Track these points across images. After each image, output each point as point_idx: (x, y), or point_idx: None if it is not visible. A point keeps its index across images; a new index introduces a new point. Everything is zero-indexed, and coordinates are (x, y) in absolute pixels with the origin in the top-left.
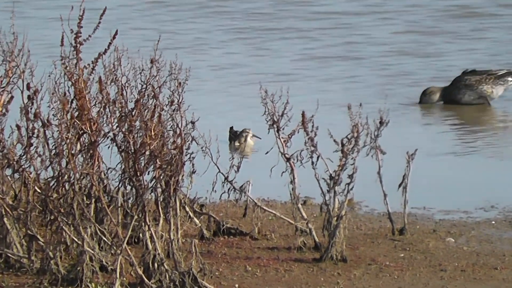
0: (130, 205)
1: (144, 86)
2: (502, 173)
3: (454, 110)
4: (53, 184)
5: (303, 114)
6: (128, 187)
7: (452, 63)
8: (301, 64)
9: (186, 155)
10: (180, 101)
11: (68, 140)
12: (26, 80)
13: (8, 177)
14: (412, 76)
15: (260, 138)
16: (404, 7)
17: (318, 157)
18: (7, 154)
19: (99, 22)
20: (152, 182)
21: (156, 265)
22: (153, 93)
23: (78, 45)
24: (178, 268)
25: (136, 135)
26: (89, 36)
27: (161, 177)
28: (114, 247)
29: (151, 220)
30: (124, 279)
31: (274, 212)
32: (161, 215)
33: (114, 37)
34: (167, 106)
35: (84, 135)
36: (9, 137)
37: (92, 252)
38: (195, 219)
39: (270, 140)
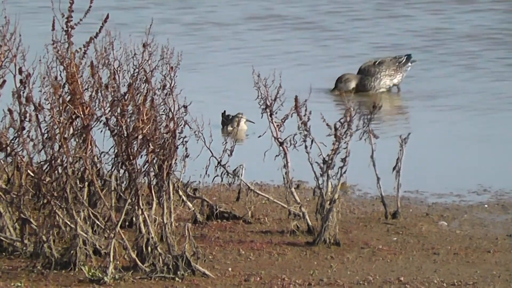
0: (123, 189)
1: (137, 70)
2: (495, 156)
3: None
4: (46, 168)
5: (296, 99)
6: (121, 171)
7: None
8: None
9: (179, 139)
10: (172, 85)
11: (60, 124)
12: (18, 64)
13: (1, 160)
14: None
15: (253, 122)
16: None
17: (311, 141)
18: (0, 138)
19: (90, 7)
20: (145, 166)
21: (149, 248)
22: (145, 77)
23: (70, 29)
24: (171, 252)
25: (128, 119)
26: (80, 20)
27: (154, 161)
28: (108, 231)
29: (144, 204)
30: (118, 262)
31: (267, 196)
32: (154, 199)
33: (105, 21)
34: (160, 90)
35: (77, 119)
36: (1, 121)
37: (85, 235)
38: (188, 203)
39: (263, 124)
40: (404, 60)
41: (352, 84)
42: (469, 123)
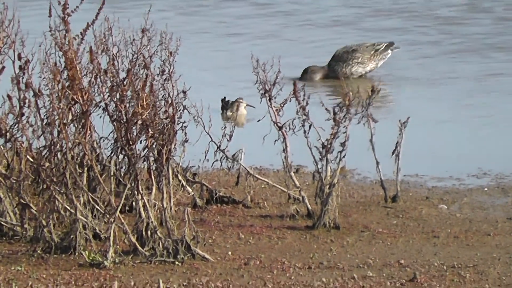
0: (122, 174)
1: (135, 56)
2: (495, 140)
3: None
4: (46, 154)
5: (294, 83)
6: (121, 156)
7: None
8: None
9: (178, 124)
10: (171, 70)
11: (59, 110)
12: (17, 50)
13: (1, 146)
14: None
15: (254, 107)
16: None
17: (310, 126)
18: None
19: None
20: (145, 151)
21: (149, 233)
22: (144, 63)
23: (66, 16)
24: (171, 236)
25: (128, 105)
26: (77, 7)
27: (154, 146)
28: (107, 216)
29: (143, 189)
30: (118, 247)
31: (266, 180)
32: (154, 183)
33: (101, 8)
34: (159, 75)
35: (76, 104)
36: (0, 107)
37: (85, 220)
38: (188, 188)
39: (262, 109)
40: (382, 48)
41: (318, 76)
42: (469, 106)
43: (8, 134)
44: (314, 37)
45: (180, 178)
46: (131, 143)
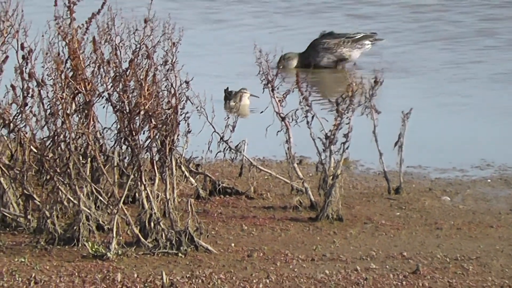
0: (126, 165)
1: (138, 46)
2: (498, 131)
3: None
4: (49, 144)
5: (297, 74)
6: (124, 147)
7: None
8: None
9: (181, 114)
10: (174, 60)
11: (63, 100)
12: (21, 40)
13: (4, 137)
14: None
15: (258, 97)
16: None
17: (313, 117)
18: (2, 114)
19: None
20: (148, 141)
21: (152, 224)
22: (147, 53)
23: (72, 5)
24: (174, 227)
25: (130, 95)
26: None
27: (157, 137)
28: (111, 207)
29: (147, 180)
30: (121, 238)
31: (269, 172)
32: (157, 174)
33: None
34: (161, 66)
35: (79, 95)
36: (4, 97)
37: (89, 211)
38: (191, 179)
39: (266, 100)
40: (357, 37)
41: (293, 63)
42: (472, 97)
43: (11, 124)
44: (301, 24)
45: (183, 169)
46: (134, 134)
